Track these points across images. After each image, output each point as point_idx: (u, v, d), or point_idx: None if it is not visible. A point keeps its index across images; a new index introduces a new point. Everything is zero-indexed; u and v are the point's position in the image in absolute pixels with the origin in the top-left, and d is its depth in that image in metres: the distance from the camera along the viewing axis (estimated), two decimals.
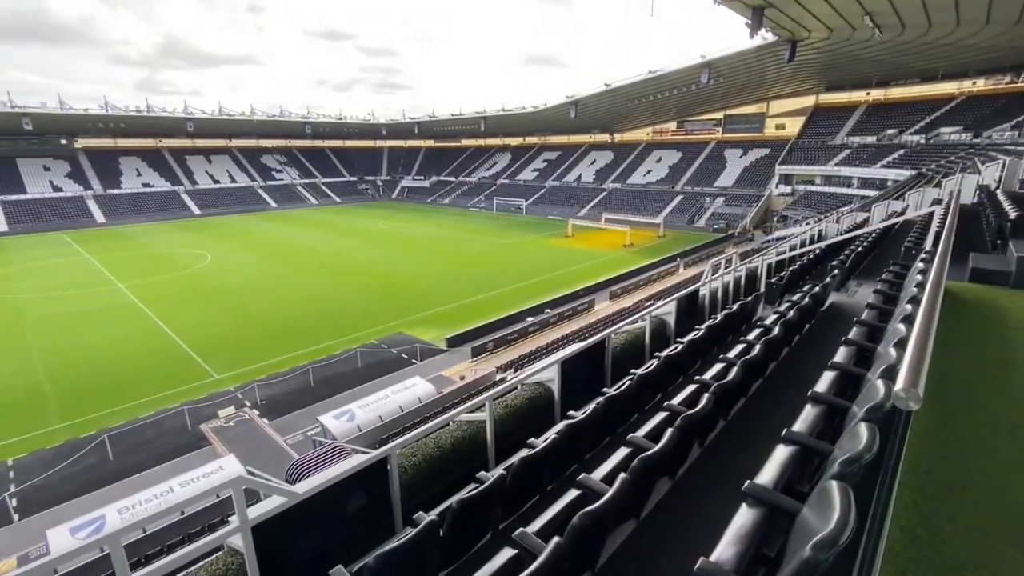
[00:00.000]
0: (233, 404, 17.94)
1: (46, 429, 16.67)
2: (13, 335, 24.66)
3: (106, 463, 14.92)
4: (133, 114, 66.45)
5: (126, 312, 28.03)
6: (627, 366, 5.60)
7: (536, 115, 71.64)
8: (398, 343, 23.52)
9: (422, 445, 4.43)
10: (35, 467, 14.69)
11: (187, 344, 23.37)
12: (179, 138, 79.96)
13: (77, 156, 71.53)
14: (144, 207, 67.80)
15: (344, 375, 20.40)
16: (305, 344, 23.38)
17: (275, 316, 27.32)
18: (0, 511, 12.93)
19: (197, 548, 2.79)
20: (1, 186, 62.07)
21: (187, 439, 16.06)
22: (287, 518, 3.07)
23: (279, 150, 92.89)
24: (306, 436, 16.09)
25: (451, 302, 29.57)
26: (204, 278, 35.59)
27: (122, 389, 19.22)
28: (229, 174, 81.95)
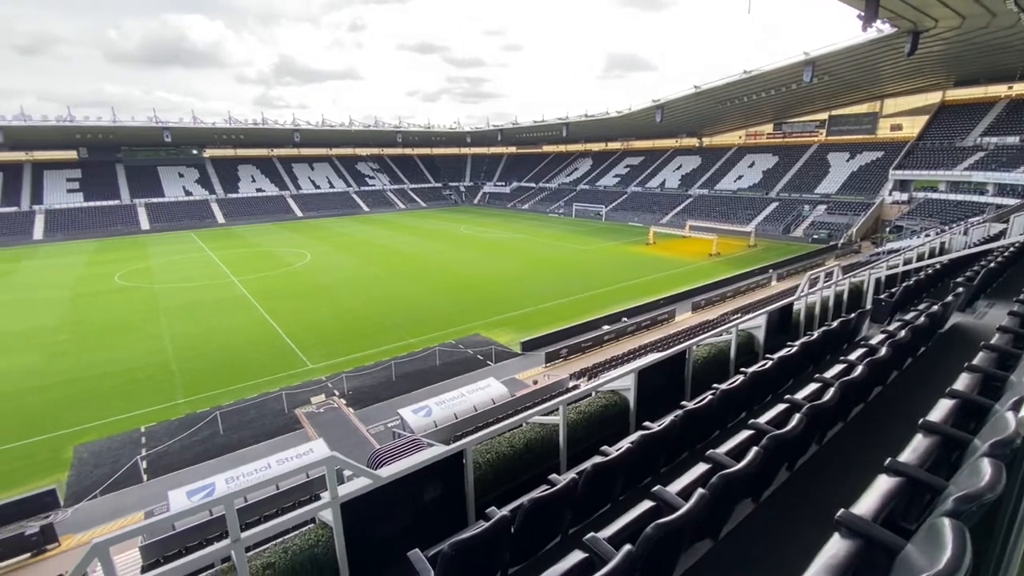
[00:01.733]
0: (324, 392, 19.37)
1: (171, 403, 19.04)
2: (150, 320, 28.46)
3: (216, 437, 16.73)
4: (250, 127, 74.21)
5: (238, 303, 31.30)
6: (709, 380, 5.36)
7: (620, 120, 70.46)
8: (474, 344, 24.14)
9: (496, 443, 4.54)
10: (161, 435, 16.81)
11: (287, 335, 25.62)
12: (287, 148, 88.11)
13: (205, 164, 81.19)
14: (256, 209, 75.36)
15: (423, 372, 21.29)
16: (389, 340, 24.71)
17: (364, 313, 29.15)
18: (132, 471, 14.94)
19: (295, 517, 3.08)
20: (145, 190, 72.09)
21: (284, 421, 17.58)
22: (371, 499, 3.30)
23: (372, 158, 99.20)
24: (386, 427, 16.99)
25: (527, 306, 29.83)
26: (303, 275, 38.83)
27: (233, 372, 21.48)
28: (328, 180, 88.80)
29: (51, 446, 16.20)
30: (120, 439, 16.59)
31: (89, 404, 18.82)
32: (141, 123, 66.83)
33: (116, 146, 73.31)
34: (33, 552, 11.85)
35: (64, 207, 64.94)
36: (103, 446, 16.23)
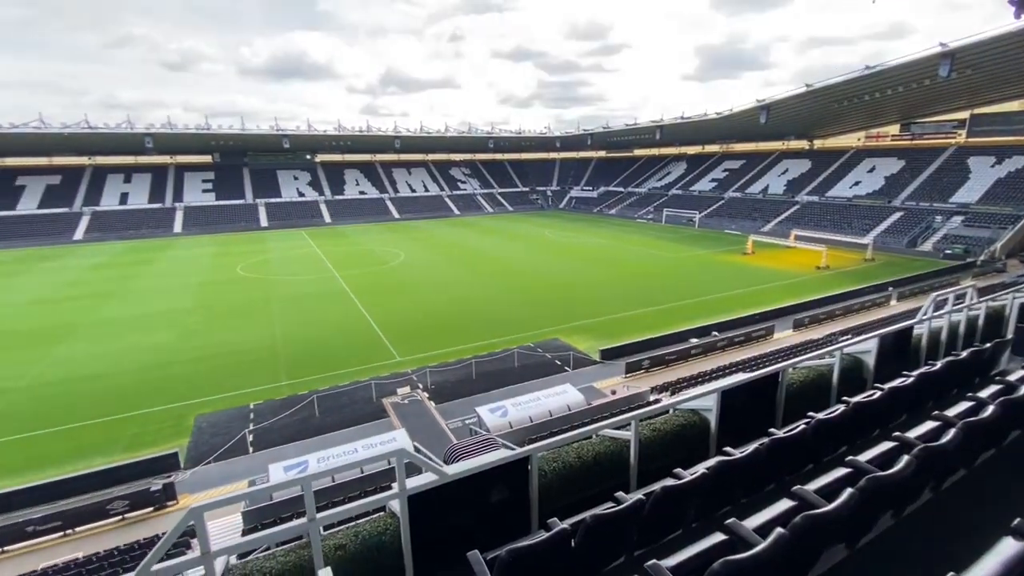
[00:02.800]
0: (409, 385, 20.35)
1: (276, 384, 21.03)
2: (264, 308, 31.71)
3: (312, 419, 18.20)
4: (356, 134, 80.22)
5: (338, 297, 33.88)
6: (804, 408, 4.88)
7: (719, 122, 66.77)
8: (553, 349, 24.07)
9: (563, 452, 4.47)
10: (266, 413, 18.63)
11: (379, 328, 27.28)
12: (388, 154, 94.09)
13: (316, 168, 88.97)
14: (358, 210, 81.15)
15: (501, 372, 21.61)
16: (471, 339, 25.39)
17: (449, 311, 30.24)
18: (241, 443, 16.69)
19: (365, 503, 3.25)
20: (265, 191, 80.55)
21: (372, 409, 18.72)
22: (437, 495, 3.39)
23: (465, 163, 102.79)
24: (464, 423, 17.45)
25: (609, 313, 29.20)
26: (397, 273, 41.15)
27: (330, 359, 23.28)
28: (423, 184, 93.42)
29: (177, 414, 18.58)
30: (233, 413, 18.63)
31: (210, 379, 21.36)
32: (264, 131, 74.98)
33: (243, 151, 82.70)
34: (156, 506, 13.67)
35: (199, 204, 74.50)
36: (219, 418, 18.32)
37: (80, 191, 70.98)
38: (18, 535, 12.35)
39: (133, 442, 16.74)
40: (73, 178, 72.69)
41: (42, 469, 15.15)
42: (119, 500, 13.31)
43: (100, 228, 65.48)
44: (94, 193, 71.44)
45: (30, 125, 61.52)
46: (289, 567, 3.20)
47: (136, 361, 23.34)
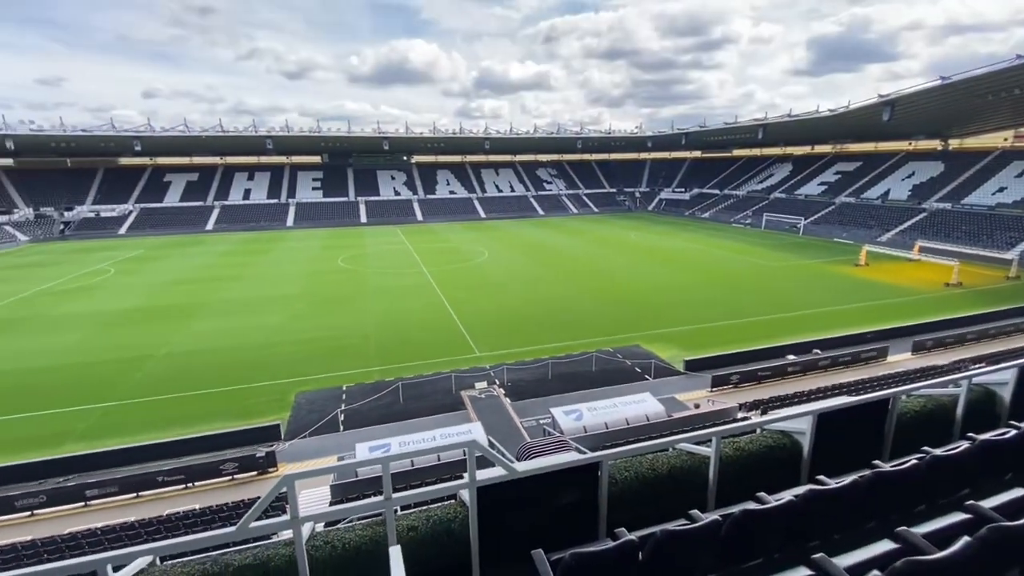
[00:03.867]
0: (486, 380, 20.82)
1: (366, 369, 22.49)
2: (359, 298, 34.05)
3: (396, 405, 19.24)
4: (449, 136, 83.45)
5: (425, 291, 35.50)
6: (917, 440, 4.32)
7: (832, 120, 60.94)
8: (633, 355, 23.38)
9: (637, 462, 4.34)
10: (356, 395, 19.98)
11: (461, 323, 28.18)
12: (478, 155, 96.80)
13: (411, 169, 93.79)
14: (447, 209, 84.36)
15: (578, 375, 21.40)
16: (549, 339, 25.41)
17: (528, 310, 30.50)
18: (333, 421, 18.06)
19: (438, 490, 3.38)
20: (366, 190, 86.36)
21: (451, 401, 19.40)
22: (505, 489, 3.45)
23: (552, 164, 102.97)
24: (538, 423, 17.52)
25: (696, 322, 27.78)
26: (480, 270, 42.25)
27: (415, 349, 24.46)
28: (510, 184, 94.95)
29: (281, 390, 20.52)
30: (328, 393, 20.21)
31: (310, 360, 23.33)
32: (367, 134, 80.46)
33: (348, 152, 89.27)
34: (259, 471, 15.19)
35: (308, 201, 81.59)
36: (316, 396, 19.97)
37: (213, 187, 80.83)
38: (150, 483, 14.36)
39: (244, 411, 18.75)
40: (208, 175, 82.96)
41: (170, 427, 17.46)
42: (230, 462, 15.00)
43: (227, 220, 74.11)
44: (223, 189, 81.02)
45: (176, 129, 71.28)
46: (365, 541, 3.42)
47: (250, 339, 26.12)
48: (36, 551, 10.69)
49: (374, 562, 3.31)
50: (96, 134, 67.82)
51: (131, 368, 22.45)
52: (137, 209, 73.47)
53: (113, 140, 69.81)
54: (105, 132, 68.20)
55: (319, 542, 3.37)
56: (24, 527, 12.96)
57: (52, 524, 12.93)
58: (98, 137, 68.56)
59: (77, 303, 33.47)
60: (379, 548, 3.35)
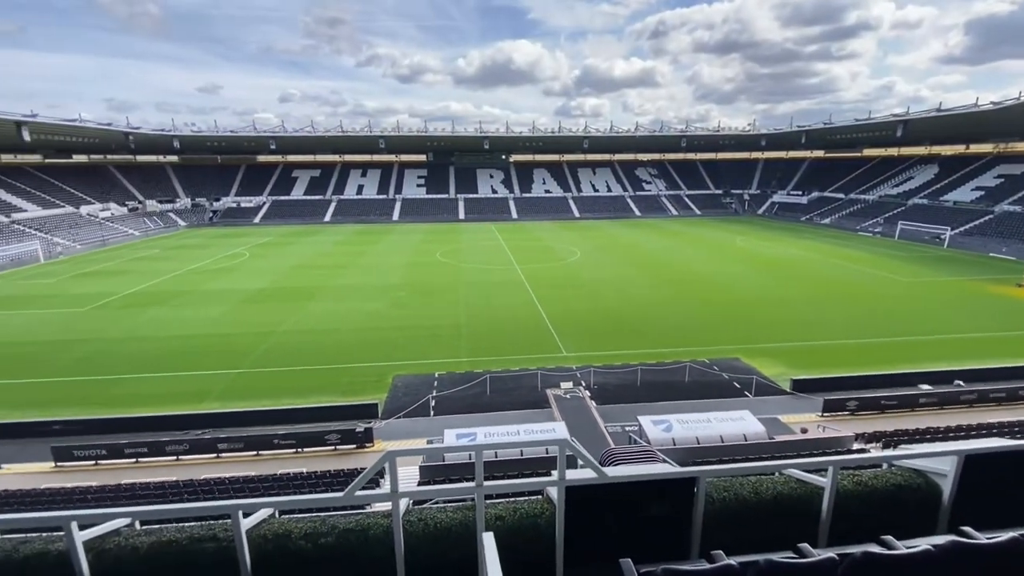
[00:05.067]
0: (572, 381, 20.67)
1: (457, 359, 23.38)
2: (453, 291, 35.47)
3: (483, 396, 19.77)
4: (548, 135, 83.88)
5: (516, 287, 36.06)
6: None
7: (998, 114, 52.06)
8: (732, 369, 21.87)
9: (737, 483, 4.03)
10: (447, 383, 20.85)
11: (550, 322, 28.25)
12: (576, 154, 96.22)
13: (509, 168, 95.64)
14: (542, 208, 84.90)
15: (669, 385, 20.48)
16: (640, 345, 24.60)
17: (619, 313, 29.75)
18: (424, 406, 19.00)
19: (527, 483, 3.41)
20: (465, 188, 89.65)
21: (535, 398, 19.54)
22: (594, 492, 3.38)
23: (652, 163, 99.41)
24: (623, 430, 17.04)
25: (807, 339, 25.31)
26: (572, 270, 42.00)
27: (503, 344, 24.97)
28: (607, 184, 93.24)
29: (380, 372, 21.99)
30: (422, 378, 21.31)
31: (407, 346, 24.76)
32: (469, 134, 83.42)
33: (451, 151, 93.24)
34: (357, 445, 16.41)
35: (413, 197, 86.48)
36: (411, 381, 21.15)
37: (331, 182, 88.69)
38: (268, 444, 16.14)
39: (347, 388, 20.39)
40: (328, 172, 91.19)
41: (285, 396, 19.47)
42: (334, 433, 16.39)
43: (342, 212, 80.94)
44: (340, 184, 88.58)
45: (304, 130, 79.24)
46: (456, 523, 3.54)
47: (356, 322, 28.32)
48: (179, 491, 12.49)
49: (463, 544, 3.42)
50: (241, 134, 77.58)
51: (258, 341, 25.38)
52: (269, 201, 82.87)
53: (254, 140, 79.36)
54: (248, 133, 77.79)
55: (413, 518, 3.54)
56: (171, 469, 15.21)
57: (191, 469, 15.03)
58: (242, 137, 78.34)
59: (219, 281, 38.56)
60: (468, 532, 3.46)
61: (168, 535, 3.46)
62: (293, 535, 3.42)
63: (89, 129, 62.09)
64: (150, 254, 51.77)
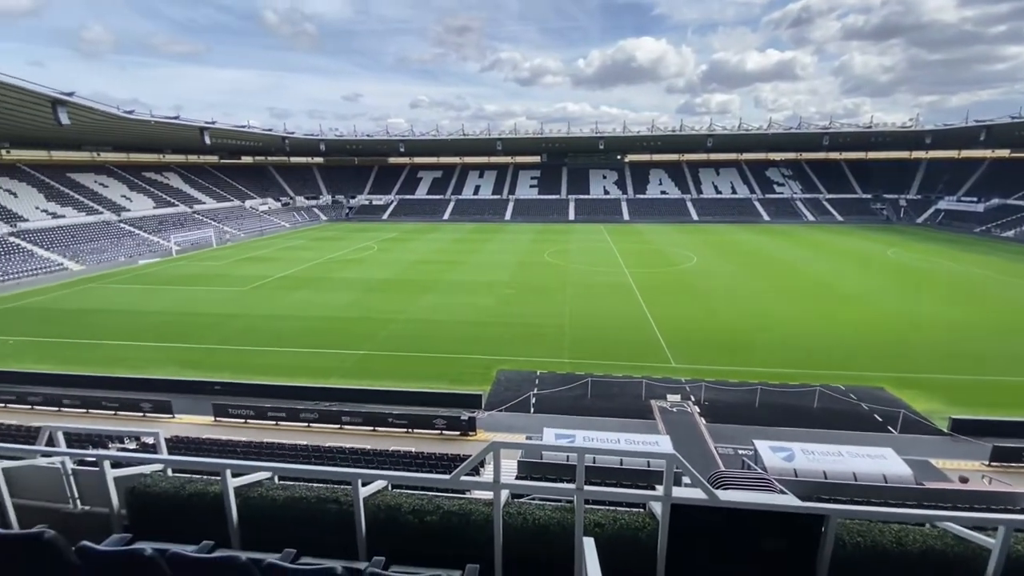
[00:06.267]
0: (680, 394, 19.60)
1: (559, 359, 23.38)
2: (560, 291, 35.54)
3: (584, 400, 19.55)
4: (668, 134, 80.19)
5: (623, 291, 35.09)
6: None
7: None
8: (873, 399, 19.14)
9: (876, 529, 3.52)
10: (548, 382, 20.95)
11: (658, 329, 27.06)
12: (698, 153, 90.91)
13: (623, 168, 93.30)
14: (656, 210, 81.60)
15: (793, 409, 18.51)
16: (760, 363, 22.58)
17: (738, 326, 27.56)
18: (525, 402, 19.29)
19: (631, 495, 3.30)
20: (576, 188, 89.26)
21: (638, 407, 18.85)
22: (702, 514, 3.17)
23: (786, 163, 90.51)
24: (736, 452, 15.77)
25: (973, 372, 21.30)
26: (686, 276, 39.81)
27: (607, 348, 24.45)
28: (732, 185, 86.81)
29: (485, 364, 22.76)
30: (524, 375, 21.67)
31: (512, 342, 25.33)
32: (584, 134, 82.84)
33: (565, 152, 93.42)
34: (461, 432, 17.16)
35: (525, 198, 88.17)
36: (513, 376, 21.61)
37: (451, 183, 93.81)
38: (383, 422, 17.55)
39: (454, 378, 21.43)
40: (448, 173, 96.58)
41: (400, 379, 20.99)
42: (441, 419, 17.34)
43: (458, 212, 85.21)
44: (459, 185, 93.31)
45: (430, 134, 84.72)
46: (554, 523, 3.55)
47: (466, 316, 29.65)
48: (308, 454, 14.10)
49: (560, 545, 3.42)
50: (375, 138, 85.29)
51: (380, 327, 27.71)
52: (396, 200, 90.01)
53: (386, 143, 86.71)
54: (381, 137, 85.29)
55: (512, 510, 3.62)
56: (302, 434, 17.23)
57: (319, 436, 16.89)
58: (376, 141, 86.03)
59: (351, 271, 42.80)
60: (565, 533, 3.44)
61: (299, 492, 3.93)
62: (403, 508, 3.68)
63: (255, 134, 72.44)
64: (297, 244, 59.11)
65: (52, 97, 40.25)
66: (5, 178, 53.87)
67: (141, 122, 52.45)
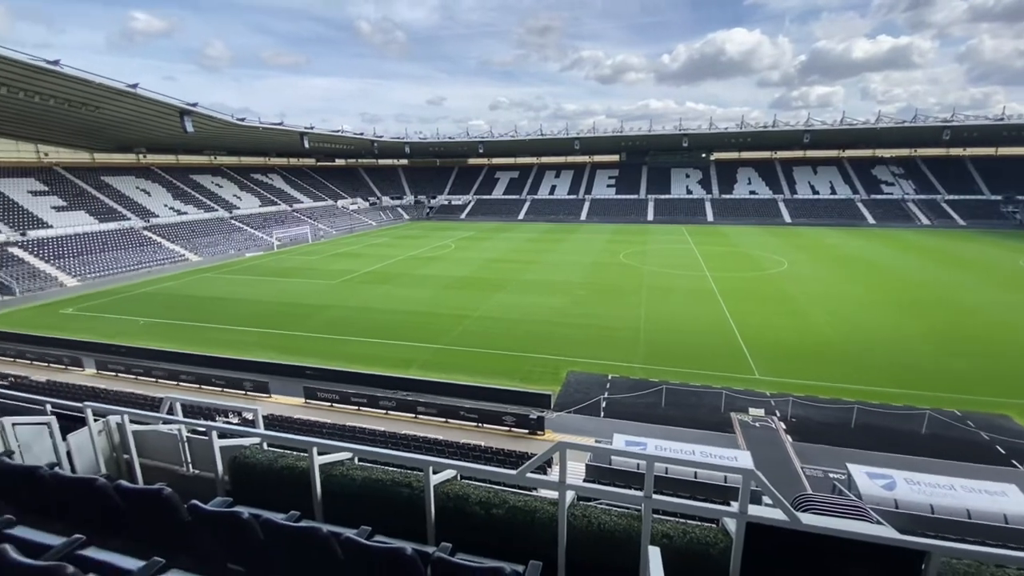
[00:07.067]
0: (764, 408, 18.37)
1: (631, 364, 22.77)
2: (634, 293, 34.60)
3: (657, 408, 18.89)
4: (759, 130, 75.12)
5: (704, 296, 33.45)
6: None
7: None
8: (995, 428, 16.76)
9: (987, 572, 3.11)
10: (619, 387, 20.49)
11: (742, 338, 25.52)
12: (792, 150, 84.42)
13: (709, 167, 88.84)
14: (744, 211, 76.90)
15: (896, 433, 16.68)
16: (858, 379, 20.58)
17: (833, 338, 25.31)
18: (595, 406, 18.99)
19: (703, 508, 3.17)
20: (657, 188, 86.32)
21: (716, 419, 17.91)
22: (783, 536, 2.97)
23: (897, 160, 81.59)
24: (826, 475, 14.52)
25: None
26: (775, 282, 37.17)
27: (684, 356, 23.46)
28: (831, 185, 79.82)
29: (555, 365, 22.70)
30: (595, 378, 21.36)
31: (583, 344, 25.05)
32: (667, 132, 79.71)
33: (645, 151, 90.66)
34: (529, 431, 17.25)
35: (602, 197, 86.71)
36: (584, 378, 21.37)
37: (527, 183, 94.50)
38: (455, 414, 18.09)
39: (524, 376, 21.60)
40: (525, 173, 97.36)
41: (471, 374, 21.50)
42: (510, 416, 17.56)
43: (533, 212, 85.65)
44: (535, 185, 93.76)
45: (508, 135, 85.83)
46: (620, 530, 3.49)
47: (537, 315, 29.76)
48: (385, 440, 14.88)
49: (624, 552, 3.36)
50: (456, 140, 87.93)
51: (455, 323, 28.58)
52: (474, 200, 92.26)
53: (465, 145, 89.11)
54: (462, 139, 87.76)
55: (577, 512, 3.61)
56: (380, 420, 18.21)
57: (395, 424, 17.76)
58: (457, 143, 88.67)
59: (429, 268, 44.52)
60: (631, 541, 3.38)
61: (376, 474, 4.18)
62: (470, 499, 3.80)
63: (348, 138, 77.42)
64: (381, 241, 62.50)
65: (180, 108, 45.71)
66: (141, 179, 61.93)
67: (251, 128, 58.00)
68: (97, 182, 56.35)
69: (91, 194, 53.74)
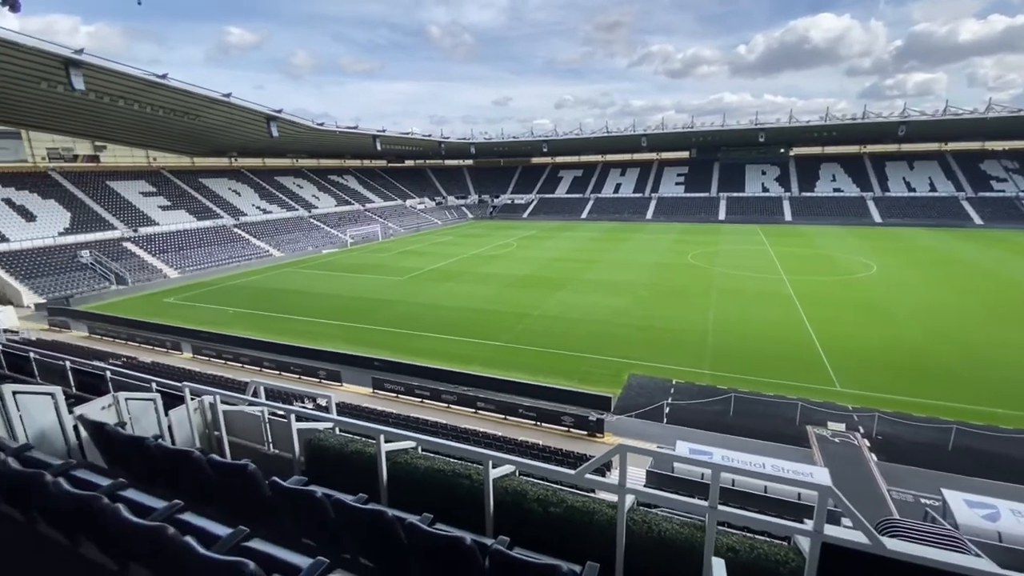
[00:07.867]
0: (845, 423, 17.02)
1: (698, 369, 21.88)
2: (703, 295, 33.20)
3: (725, 416, 18.02)
4: (847, 122, 69.27)
5: (780, 301, 31.48)
6: None
7: None
8: None
9: None
10: (684, 393, 19.74)
11: (821, 346, 23.79)
12: (885, 143, 77.32)
13: (787, 163, 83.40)
14: (827, 210, 71.53)
15: (1003, 458, 14.87)
16: (957, 397, 18.56)
17: (928, 350, 22.99)
18: (657, 411, 18.41)
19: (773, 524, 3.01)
20: (730, 186, 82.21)
21: (791, 432, 16.81)
22: (863, 560, 2.76)
23: (1011, 154, 72.53)
24: (916, 500, 13.23)
25: None
26: (861, 288, 34.31)
27: (756, 363, 22.21)
28: (930, 181, 72.41)
29: (616, 367, 22.26)
30: (658, 382, 20.74)
31: (647, 346, 24.39)
32: (742, 126, 75.66)
33: (718, 147, 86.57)
34: (588, 432, 17.05)
35: (670, 196, 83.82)
36: (646, 382, 20.81)
37: (591, 181, 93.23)
38: (514, 411, 18.25)
39: (583, 377, 21.37)
40: (589, 171, 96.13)
41: (531, 373, 21.57)
42: (568, 416, 17.46)
43: (597, 210, 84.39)
44: (599, 183, 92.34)
45: (573, 133, 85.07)
46: (682, 539, 3.38)
47: (599, 315, 29.33)
48: (446, 432, 15.28)
49: (686, 562, 3.25)
50: (520, 140, 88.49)
51: (516, 321, 28.81)
52: (537, 199, 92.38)
53: (530, 144, 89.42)
54: (526, 139, 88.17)
55: (637, 517, 3.54)
56: (442, 413, 18.73)
57: (456, 417, 18.20)
58: (521, 142, 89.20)
59: (492, 266, 45.15)
60: (693, 552, 3.27)
61: (438, 464, 4.32)
62: (528, 495, 3.83)
63: (416, 140, 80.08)
64: (446, 240, 64.18)
65: (267, 114, 49.34)
66: (233, 181, 67.50)
67: (328, 132, 61.53)
68: (195, 183, 62.11)
69: (190, 194, 59.33)
